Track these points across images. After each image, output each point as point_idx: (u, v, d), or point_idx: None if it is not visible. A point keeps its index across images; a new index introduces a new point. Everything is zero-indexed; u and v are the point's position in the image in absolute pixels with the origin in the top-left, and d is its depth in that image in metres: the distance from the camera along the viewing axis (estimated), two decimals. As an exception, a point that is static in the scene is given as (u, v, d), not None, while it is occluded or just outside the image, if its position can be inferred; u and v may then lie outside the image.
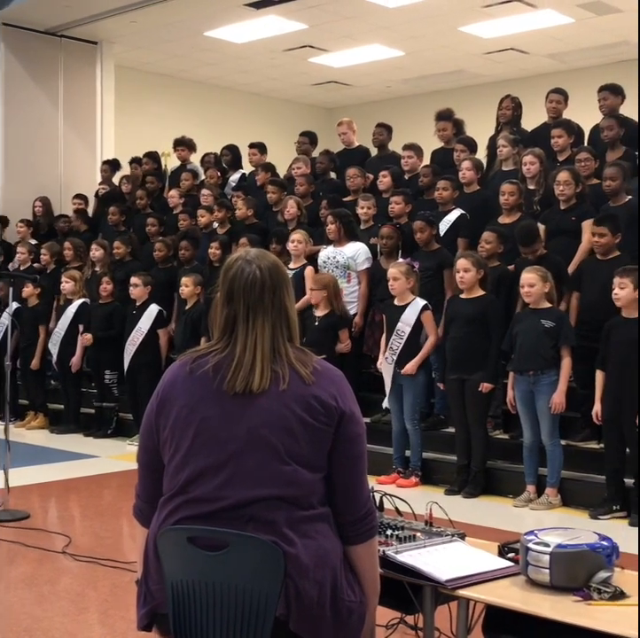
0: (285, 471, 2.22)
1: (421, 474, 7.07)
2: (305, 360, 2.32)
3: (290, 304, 2.37)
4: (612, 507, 6.06)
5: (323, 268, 8.01)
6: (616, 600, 2.48)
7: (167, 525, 2.26)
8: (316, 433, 2.25)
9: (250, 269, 2.34)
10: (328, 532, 2.28)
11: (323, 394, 2.27)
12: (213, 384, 2.29)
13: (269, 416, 2.24)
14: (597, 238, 6.51)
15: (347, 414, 2.30)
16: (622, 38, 11.68)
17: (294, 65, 13.51)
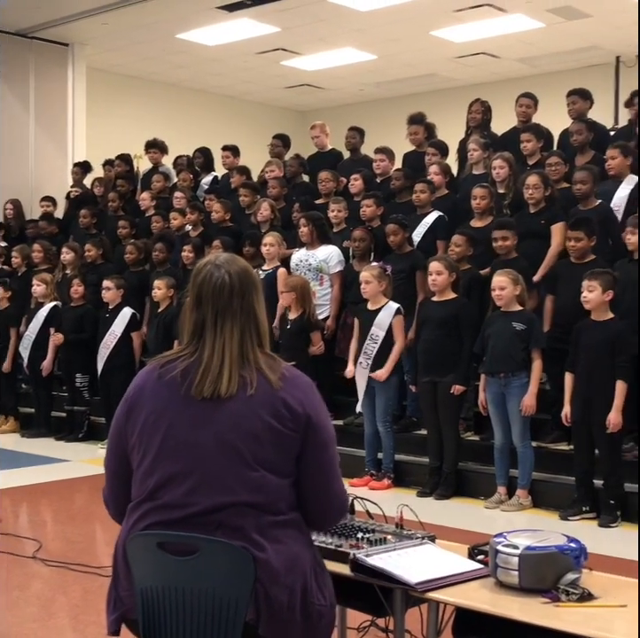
0: (253, 477, 2.22)
1: (393, 476, 7.10)
2: (274, 366, 2.32)
3: (259, 309, 2.37)
4: (582, 508, 6.12)
5: (296, 271, 8.02)
6: (584, 601, 2.50)
7: (135, 530, 2.26)
8: (283, 439, 2.26)
9: (219, 274, 2.33)
10: (298, 536, 2.29)
11: (290, 401, 2.27)
12: (181, 389, 2.29)
13: (237, 422, 2.24)
14: (574, 243, 6.55)
15: (314, 421, 2.31)
16: (592, 43, 11.79)
17: (267, 67, 13.51)
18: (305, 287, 7.50)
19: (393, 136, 9.99)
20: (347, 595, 2.86)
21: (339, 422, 7.85)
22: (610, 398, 5.90)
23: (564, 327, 6.49)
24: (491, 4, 10.51)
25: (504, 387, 6.39)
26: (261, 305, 2.38)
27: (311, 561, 2.31)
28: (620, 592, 2.61)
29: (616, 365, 5.92)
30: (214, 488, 2.21)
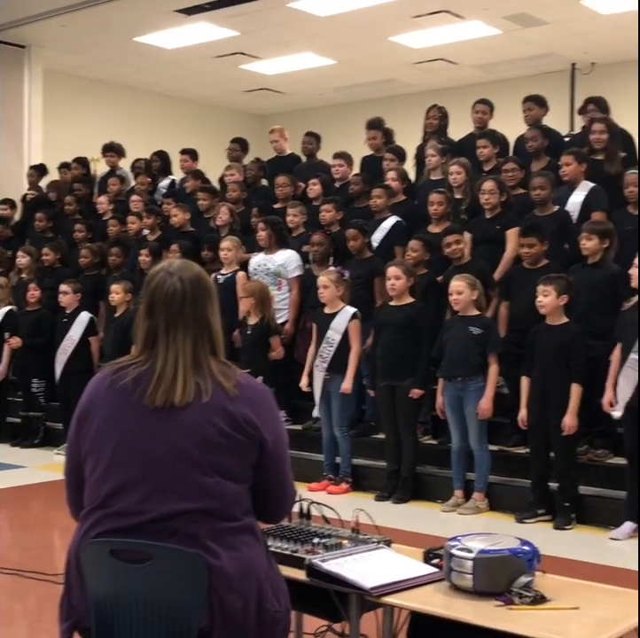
0: (208, 484, 2.22)
1: (351, 480, 7.11)
2: (228, 373, 2.32)
3: (213, 317, 2.35)
4: (537, 511, 6.17)
5: (254, 276, 8.01)
6: (536, 604, 2.53)
7: (88, 538, 2.24)
8: (239, 446, 2.26)
9: (171, 281, 2.32)
10: (253, 542, 2.29)
11: (246, 409, 2.27)
12: (133, 396, 2.28)
13: (191, 429, 2.23)
14: (527, 249, 6.63)
15: (270, 430, 2.31)
16: (548, 50, 11.92)
17: (226, 71, 13.49)
18: (263, 292, 7.50)
19: (351, 140, 10.01)
20: (304, 601, 2.86)
21: (297, 426, 7.87)
22: (565, 401, 5.97)
23: (520, 332, 6.55)
24: (449, 11, 10.59)
25: (462, 391, 6.44)
26: (215, 312, 2.37)
27: (266, 567, 2.31)
28: (572, 594, 2.64)
29: (571, 368, 5.99)
30: (167, 495, 2.21)
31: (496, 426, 6.79)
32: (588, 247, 6.42)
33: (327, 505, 3.18)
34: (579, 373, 5.99)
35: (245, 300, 7.48)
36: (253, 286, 7.55)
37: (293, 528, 2.98)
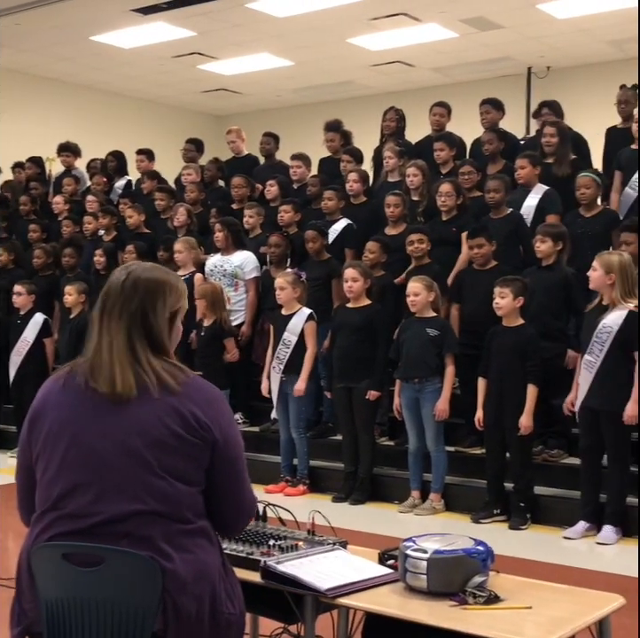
0: (160, 485, 2.20)
1: (309, 482, 7.11)
2: (178, 375, 2.30)
3: (155, 317, 2.33)
4: (493, 511, 6.22)
5: (211, 277, 7.99)
6: (490, 604, 2.55)
7: (40, 541, 2.21)
8: (191, 448, 2.24)
9: (118, 276, 2.36)
10: (206, 545, 2.28)
11: (198, 412, 2.26)
12: (83, 396, 2.28)
13: (143, 429, 2.22)
14: (477, 250, 6.71)
15: (224, 434, 2.30)
16: (504, 54, 12.02)
17: (183, 71, 13.43)
18: (215, 293, 7.46)
19: (309, 142, 10.03)
20: (259, 603, 2.86)
21: (254, 428, 7.86)
22: (521, 401, 6.02)
23: (471, 333, 6.62)
24: (406, 14, 10.63)
25: (418, 392, 6.46)
26: (161, 314, 2.35)
27: (220, 569, 2.30)
28: (525, 594, 2.66)
29: (526, 369, 6.05)
30: (119, 497, 2.19)
31: (453, 427, 6.84)
32: (542, 250, 6.48)
33: (283, 507, 3.17)
34: (534, 374, 6.05)
35: (197, 302, 7.47)
36: (204, 288, 7.52)
37: (249, 530, 2.98)
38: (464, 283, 6.90)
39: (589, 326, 5.79)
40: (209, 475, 2.30)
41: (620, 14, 10.26)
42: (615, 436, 5.73)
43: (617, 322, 5.66)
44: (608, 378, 5.68)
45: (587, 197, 6.93)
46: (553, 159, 7.57)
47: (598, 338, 5.69)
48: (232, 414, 2.39)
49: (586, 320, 5.90)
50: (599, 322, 5.70)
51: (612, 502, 5.79)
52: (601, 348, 5.69)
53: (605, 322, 5.68)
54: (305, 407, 7.11)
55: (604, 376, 5.69)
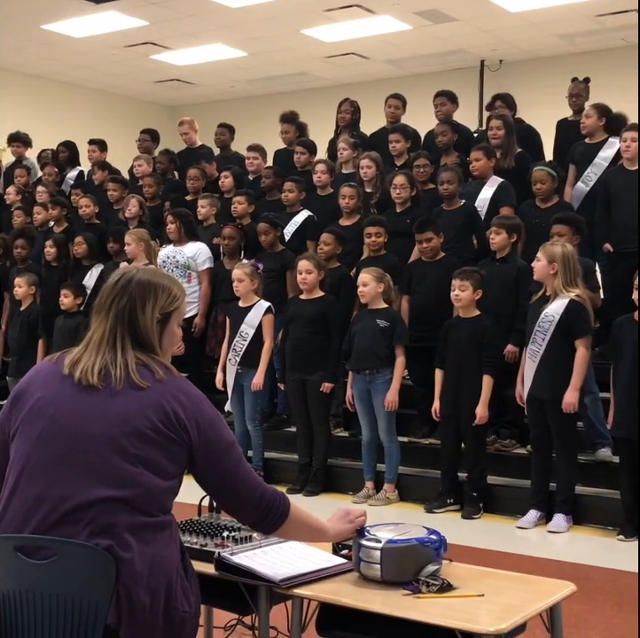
0: (132, 473, 2.22)
1: (263, 474, 7.09)
2: (165, 374, 2.34)
3: (142, 315, 2.39)
4: (447, 500, 6.27)
5: (163, 268, 7.92)
6: (443, 592, 2.56)
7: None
8: (168, 443, 2.27)
9: (114, 277, 2.45)
10: (168, 540, 2.28)
11: (179, 410, 2.30)
12: (66, 382, 2.33)
13: (124, 418, 2.25)
14: (425, 244, 6.75)
15: (203, 435, 2.33)
16: (458, 46, 12.07)
17: (136, 61, 13.30)
18: None
19: (264, 133, 10.00)
20: (213, 595, 2.85)
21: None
22: (477, 392, 6.07)
23: (421, 324, 6.66)
24: (360, 5, 10.62)
25: (370, 384, 6.49)
26: (149, 313, 2.41)
27: (178, 566, 2.30)
28: (478, 582, 2.68)
29: (482, 360, 6.10)
30: (89, 480, 2.20)
31: (407, 418, 6.87)
32: (496, 242, 6.53)
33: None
34: (490, 365, 6.11)
35: None
36: None
37: (203, 522, 2.97)
38: (413, 275, 6.94)
39: (533, 317, 5.86)
40: (201, 478, 2.38)
41: (571, 8, 10.36)
42: (561, 425, 5.80)
43: (558, 311, 5.73)
44: (551, 367, 5.76)
45: (543, 191, 6.99)
46: (500, 151, 7.62)
47: (541, 327, 5.76)
48: (216, 415, 2.41)
49: (531, 311, 5.96)
50: (541, 311, 5.77)
51: (561, 491, 5.87)
52: (543, 337, 5.76)
53: (547, 312, 5.76)
54: (260, 399, 7.10)
55: (547, 365, 5.77)
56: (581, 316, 5.76)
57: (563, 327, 5.71)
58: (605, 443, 6.20)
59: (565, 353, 5.75)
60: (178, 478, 2.32)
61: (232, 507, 2.48)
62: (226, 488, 2.42)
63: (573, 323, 5.72)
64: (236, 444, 2.44)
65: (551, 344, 5.75)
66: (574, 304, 5.73)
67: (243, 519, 2.55)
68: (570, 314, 5.71)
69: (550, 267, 5.77)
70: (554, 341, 5.74)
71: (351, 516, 2.73)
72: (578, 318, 5.74)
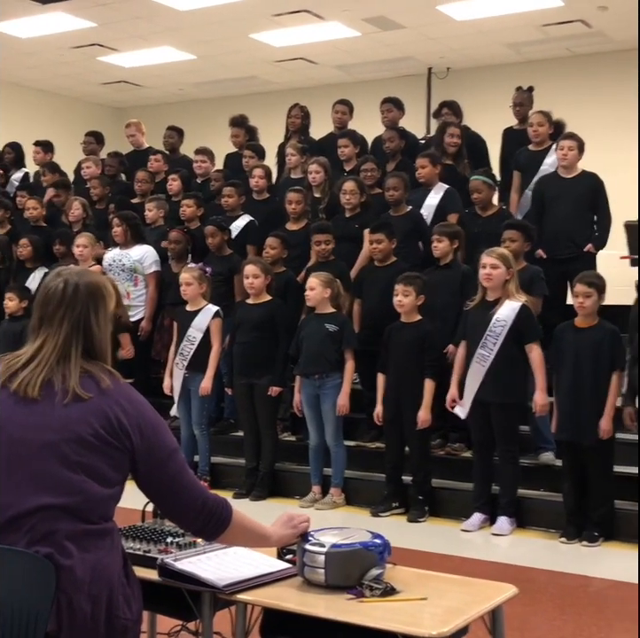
0: (73, 480, 2.20)
1: (210, 479, 7.07)
2: (109, 380, 2.31)
3: (96, 322, 2.35)
4: (392, 504, 6.31)
5: (109, 271, 7.87)
6: (387, 596, 2.58)
7: None
8: (110, 450, 2.25)
9: (54, 283, 2.36)
10: (109, 547, 2.26)
11: (122, 416, 2.28)
12: (9, 388, 2.28)
13: (64, 426, 2.22)
14: (376, 245, 6.80)
15: (146, 440, 2.31)
16: (405, 53, 12.14)
17: (83, 63, 13.17)
18: None
19: (213, 136, 9.97)
20: (156, 601, 2.83)
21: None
22: (419, 396, 6.12)
23: (371, 328, 6.70)
24: (309, 11, 10.64)
25: (319, 388, 6.50)
26: (102, 319, 2.37)
27: (120, 573, 2.28)
28: (421, 585, 2.70)
29: (424, 364, 6.15)
30: (31, 488, 2.18)
31: (354, 422, 6.90)
32: (439, 249, 6.59)
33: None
34: (432, 369, 6.16)
35: None
36: None
37: (147, 528, 2.95)
38: (365, 278, 6.98)
39: (478, 322, 5.91)
40: (144, 484, 2.36)
41: (517, 17, 10.49)
42: (505, 428, 5.88)
43: (510, 316, 5.80)
44: (501, 371, 5.83)
45: (479, 200, 7.09)
46: (454, 158, 7.69)
47: (492, 331, 5.82)
48: (159, 421, 2.38)
49: (472, 316, 6.00)
50: (492, 316, 5.83)
51: (504, 494, 5.94)
52: (495, 341, 5.82)
53: (499, 317, 5.82)
54: (207, 403, 7.08)
55: (498, 369, 5.83)
56: (533, 321, 5.88)
57: (514, 332, 5.79)
58: (549, 448, 6.29)
59: (515, 357, 5.83)
60: (120, 485, 2.31)
61: (175, 513, 2.47)
62: (169, 494, 2.40)
63: (525, 328, 5.81)
64: (179, 450, 2.43)
65: (503, 348, 5.81)
66: (526, 309, 5.83)
67: (185, 526, 2.53)
68: (522, 319, 5.80)
69: (507, 272, 5.84)
70: (505, 346, 5.81)
71: (295, 521, 2.73)
72: (530, 323, 5.84)
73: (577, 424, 5.62)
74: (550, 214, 7.09)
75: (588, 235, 7.01)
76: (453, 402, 6.04)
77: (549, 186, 7.19)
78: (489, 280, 5.88)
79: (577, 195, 7.00)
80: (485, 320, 5.86)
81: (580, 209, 7.02)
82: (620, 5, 9.91)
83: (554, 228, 7.02)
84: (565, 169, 7.09)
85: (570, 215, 6.99)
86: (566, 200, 7.01)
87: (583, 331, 5.70)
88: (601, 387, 5.60)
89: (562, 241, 6.99)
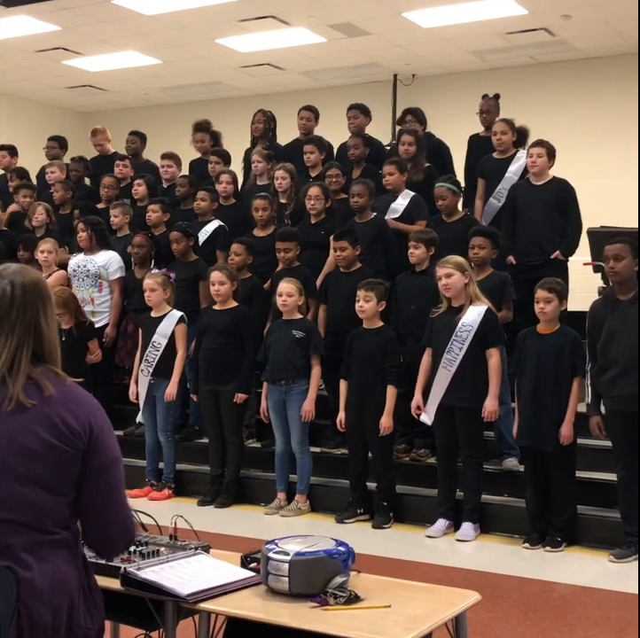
0: (24, 494, 2.15)
1: (175, 486, 7.04)
2: (55, 382, 2.25)
3: (46, 322, 2.29)
4: (357, 510, 6.31)
5: (74, 277, 7.82)
6: (350, 604, 2.59)
7: None
8: (60, 456, 2.19)
9: (1, 285, 2.28)
10: (69, 556, 2.23)
11: (71, 420, 2.21)
12: None
13: (12, 437, 2.16)
14: (339, 252, 6.81)
15: (99, 442, 2.25)
16: (371, 60, 12.17)
17: (48, 66, 13.06)
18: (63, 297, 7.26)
19: (178, 141, 9.93)
20: (119, 611, 2.82)
21: (119, 432, 7.72)
22: (381, 402, 6.13)
23: (335, 335, 6.71)
24: (275, 17, 10.63)
25: (285, 394, 6.49)
26: (49, 318, 2.31)
27: (81, 582, 2.25)
28: (385, 592, 2.71)
29: (386, 371, 6.16)
30: None
31: (319, 428, 6.90)
32: (415, 255, 6.60)
33: (145, 512, 3.13)
34: (394, 375, 6.18)
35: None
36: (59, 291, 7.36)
37: (109, 537, 2.93)
38: (329, 285, 6.99)
39: (444, 328, 5.94)
40: (80, 487, 2.24)
41: (482, 25, 10.54)
42: (470, 433, 5.91)
43: (476, 320, 5.85)
44: (466, 376, 5.87)
45: (445, 206, 7.14)
46: (409, 165, 7.73)
47: (458, 336, 5.86)
48: (108, 424, 2.31)
49: (438, 323, 6.03)
50: (457, 321, 5.87)
51: (469, 500, 5.97)
52: (461, 346, 5.86)
53: (465, 322, 5.86)
54: (173, 410, 7.05)
55: (463, 373, 5.87)
56: (497, 326, 5.92)
57: (479, 336, 5.84)
58: (513, 453, 6.32)
59: (479, 361, 5.87)
60: (74, 491, 2.23)
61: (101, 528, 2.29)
62: (102, 505, 2.27)
63: (489, 332, 5.85)
64: (121, 460, 2.33)
65: (468, 353, 5.85)
66: (491, 313, 5.87)
67: (109, 545, 2.35)
68: (487, 323, 5.85)
69: (464, 277, 5.88)
70: (471, 350, 5.85)
71: None
72: (494, 327, 5.89)
73: (538, 430, 5.66)
74: (521, 221, 7.14)
75: (557, 241, 7.06)
76: (418, 409, 6.06)
77: (520, 193, 7.23)
78: (448, 290, 5.93)
79: (547, 201, 7.06)
80: (451, 325, 5.89)
81: (550, 216, 7.07)
82: (584, 14, 10.02)
83: (525, 234, 7.07)
84: (536, 176, 7.15)
85: (540, 222, 7.04)
86: (536, 207, 7.06)
87: (545, 337, 5.75)
88: (562, 393, 5.66)
89: (532, 247, 7.04)
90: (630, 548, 5.43)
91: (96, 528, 2.29)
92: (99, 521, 2.28)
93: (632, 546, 5.43)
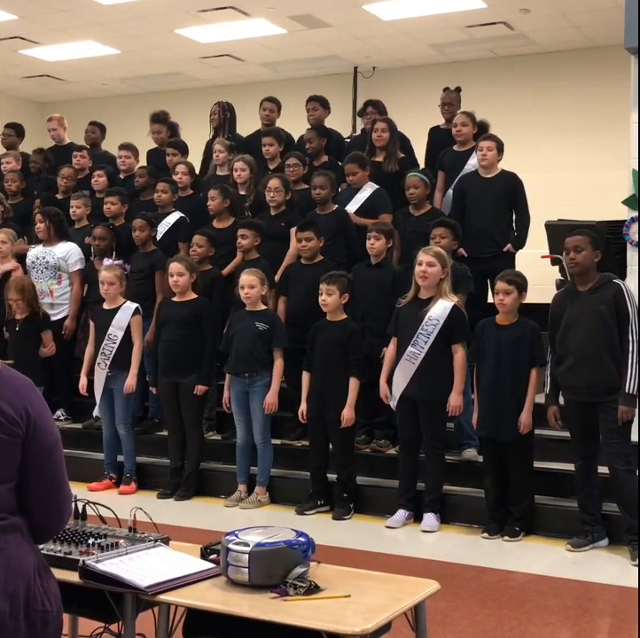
0: None
1: (136, 479, 7.00)
2: None
3: None
4: (317, 502, 6.33)
5: (32, 269, 7.74)
6: (310, 594, 2.59)
7: None
8: (1, 445, 2.16)
9: None
10: (20, 541, 2.20)
11: (4, 405, 2.16)
12: None
13: None
14: (305, 243, 6.80)
15: (36, 426, 2.20)
16: (331, 52, 12.17)
17: (4, 56, 12.88)
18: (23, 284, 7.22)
19: (137, 132, 9.85)
20: (78, 603, 2.80)
21: (77, 425, 7.68)
22: (343, 394, 6.14)
23: (297, 326, 6.70)
24: (235, 7, 10.59)
25: (248, 386, 6.48)
26: None
27: (35, 566, 2.22)
28: (345, 583, 2.72)
29: (349, 363, 6.17)
30: None
31: (280, 420, 6.90)
32: (376, 247, 6.61)
33: (104, 505, 3.12)
34: (356, 367, 6.19)
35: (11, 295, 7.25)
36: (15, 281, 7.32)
37: (68, 529, 2.92)
38: (291, 276, 6.98)
39: (410, 319, 5.96)
40: (22, 471, 2.20)
41: (441, 18, 10.59)
42: (432, 425, 5.94)
43: (443, 315, 5.86)
44: (430, 369, 5.89)
45: (416, 196, 7.14)
46: (383, 154, 7.74)
47: (424, 330, 5.88)
48: (44, 404, 2.26)
49: (404, 313, 6.05)
50: (424, 314, 5.88)
51: (430, 491, 6.00)
52: (426, 340, 5.88)
53: (431, 316, 5.88)
54: (132, 402, 7.01)
55: (427, 367, 5.89)
56: (464, 322, 5.95)
57: (445, 331, 5.86)
58: (472, 444, 6.37)
59: (444, 356, 5.90)
60: (17, 476, 2.18)
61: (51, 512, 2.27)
62: (48, 489, 2.24)
63: (455, 328, 5.87)
64: (61, 441, 2.28)
65: (433, 347, 5.87)
66: (457, 309, 5.90)
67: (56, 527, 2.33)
68: (453, 318, 5.87)
69: (442, 272, 5.90)
70: (436, 344, 5.87)
71: None
72: (460, 323, 5.91)
73: (497, 421, 5.71)
74: (471, 213, 7.20)
75: (507, 234, 7.14)
76: (386, 398, 6.08)
77: (469, 185, 7.30)
78: (425, 278, 5.91)
79: (496, 194, 7.13)
80: (417, 317, 5.90)
81: (499, 208, 7.15)
82: (542, 9, 10.10)
83: (475, 226, 7.13)
84: (485, 169, 7.21)
85: (489, 214, 7.11)
86: (486, 199, 7.13)
87: (504, 328, 5.79)
88: (521, 384, 5.71)
89: (483, 240, 7.10)
90: (587, 538, 5.50)
91: (40, 511, 2.25)
92: (45, 504, 2.25)
93: (589, 535, 5.51)
